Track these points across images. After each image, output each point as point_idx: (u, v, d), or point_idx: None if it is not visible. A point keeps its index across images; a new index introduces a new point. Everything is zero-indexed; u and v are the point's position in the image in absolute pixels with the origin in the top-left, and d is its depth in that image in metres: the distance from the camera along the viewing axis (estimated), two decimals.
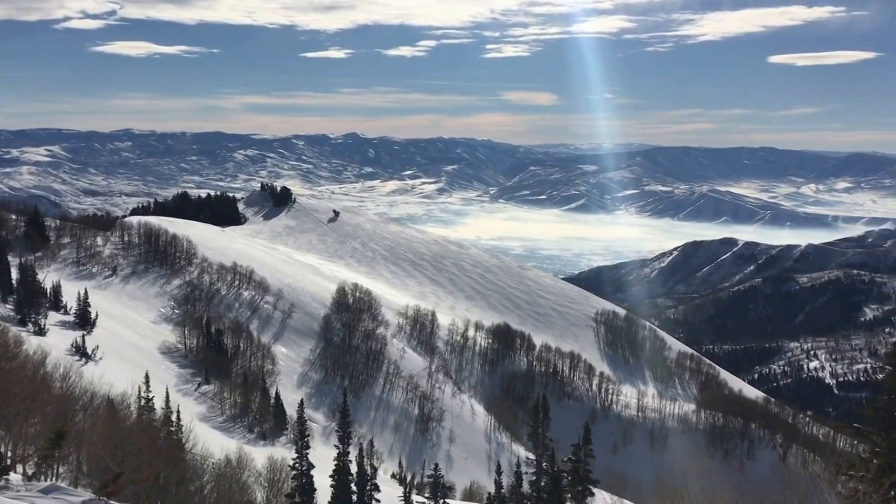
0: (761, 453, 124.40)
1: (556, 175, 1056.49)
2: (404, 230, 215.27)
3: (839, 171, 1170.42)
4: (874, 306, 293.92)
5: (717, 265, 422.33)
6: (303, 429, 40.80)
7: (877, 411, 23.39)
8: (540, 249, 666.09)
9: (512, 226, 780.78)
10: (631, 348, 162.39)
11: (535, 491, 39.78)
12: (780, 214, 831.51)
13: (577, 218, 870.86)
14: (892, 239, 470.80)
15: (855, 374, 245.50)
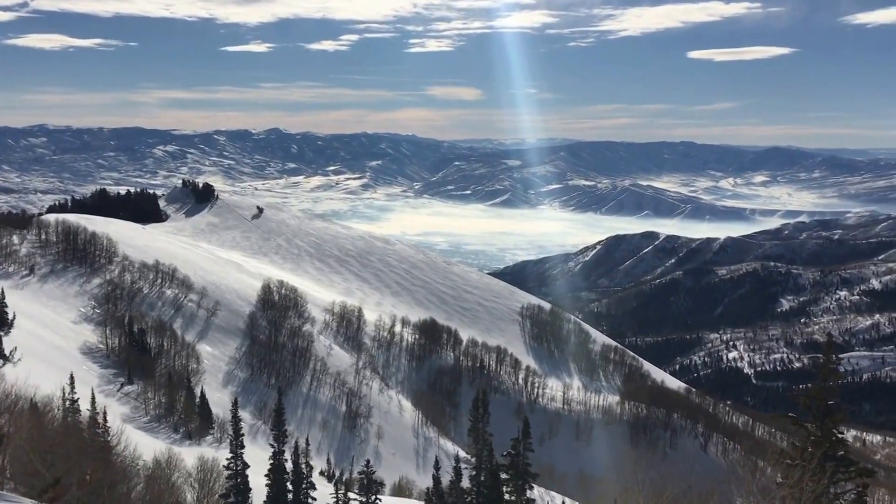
0: (683, 442, 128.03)
1: (480, 170, 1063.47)
2: (329, 226, 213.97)
3: (756, 165, 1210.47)
4: (790, 297, 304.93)
5: (639, 258, 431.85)
6: (237, 428, 40.56)
7: (811, 400, 23.89)
8: (465, 244, 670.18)
9: (437, 221, 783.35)
10: (556, 342, 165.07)
11: (475, 486, 39.96)
12: (700, 208, 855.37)
13: (502, 213, 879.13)
14: (807, 231, 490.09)
15: (772, 363, 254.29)
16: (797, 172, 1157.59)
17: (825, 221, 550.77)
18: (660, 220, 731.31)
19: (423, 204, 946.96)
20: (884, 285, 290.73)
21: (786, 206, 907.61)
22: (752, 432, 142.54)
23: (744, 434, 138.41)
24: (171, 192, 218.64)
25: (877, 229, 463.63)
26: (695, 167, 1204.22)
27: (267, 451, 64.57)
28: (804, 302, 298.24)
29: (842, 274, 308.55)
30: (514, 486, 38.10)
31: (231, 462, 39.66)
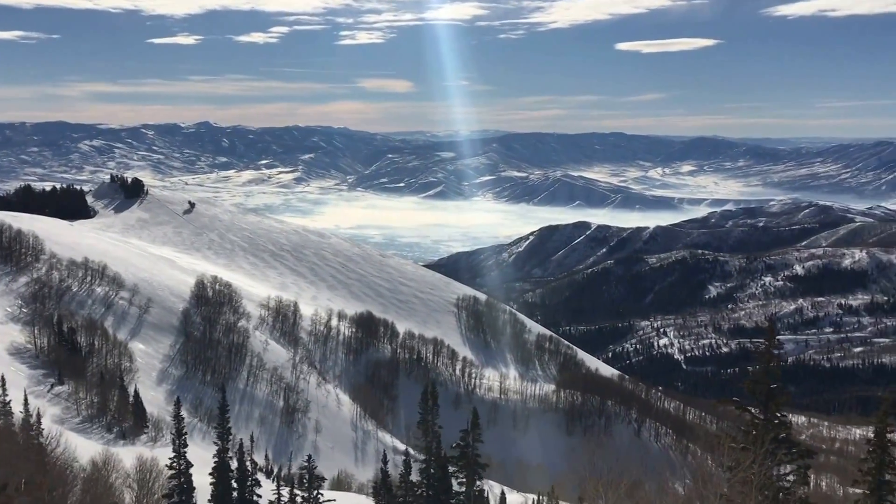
0: (618, 429, 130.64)
1: (413, 162, 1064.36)
2: (263, 220, 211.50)
3: (684, 154, 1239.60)
4: (717, 284, 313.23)
5: (571, 248, 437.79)
6: (180, 427, 40.00)
7: (754, 384, 24.41)
8: (399, 237, 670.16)
9: (371, 214, 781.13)
10: (492, 332, 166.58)
11: (425, 478, 40.11)
12: (630, 198, 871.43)
13: (436, 205, 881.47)
14: (733, 219, 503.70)
15: (701, 349, 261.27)
16: (723, 162, 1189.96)
17: (750, 209, 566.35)
18: (591, 210, 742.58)
19: (357, 197, 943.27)
20: (806, 271, 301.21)
21: (712, 194, 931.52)
22: (684, 416, 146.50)
23: (675, 418, 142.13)
24: (99, 188, 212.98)
25: (799, 216, 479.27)
26: (625, 157, 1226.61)
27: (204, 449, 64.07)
28: (731, 288, 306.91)
29: (766, 260, 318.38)
30: (466, 478, 38.30)
31: (174, 461, 39.16)
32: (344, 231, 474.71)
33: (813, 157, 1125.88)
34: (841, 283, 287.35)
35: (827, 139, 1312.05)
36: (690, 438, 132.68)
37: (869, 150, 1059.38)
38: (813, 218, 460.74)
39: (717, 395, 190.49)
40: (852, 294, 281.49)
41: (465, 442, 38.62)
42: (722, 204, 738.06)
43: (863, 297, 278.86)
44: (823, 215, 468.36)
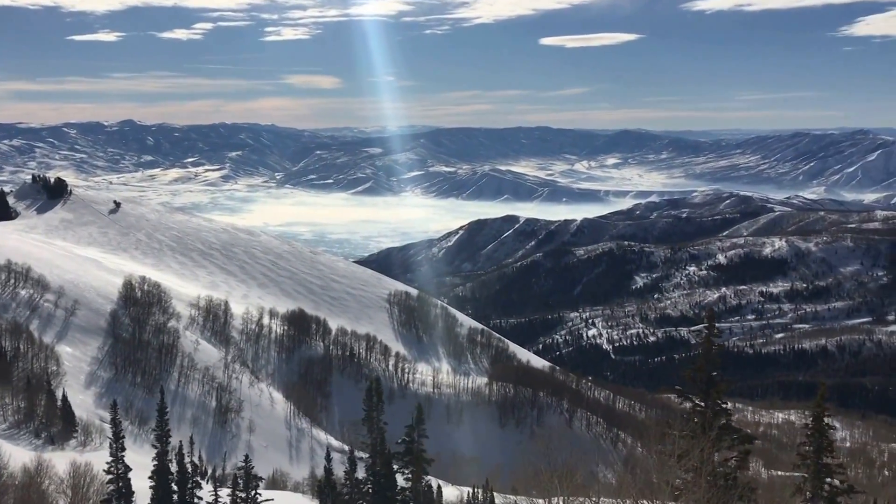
0: (550, 419, 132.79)
1: (342, 159, 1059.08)
2: (191, 219, 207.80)
3: (608, 147, 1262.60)
4: (644, 274, 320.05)
5: (500, 242, 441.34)
6: (117, 431, 39.35)
7: (695, 373, 25.14)
8: (329, 234, 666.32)
9: (300, 211, 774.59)
10: (424, 327, 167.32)
11: (371, 474, 40.13)
12: (556, 191, 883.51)
13: (365, 201, 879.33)
14: (657, 211, 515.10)
15: (629, 339, 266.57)
16: (646, 154, 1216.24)
17: (674, 201, 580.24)
18: (519, 204, 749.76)
19: (286, 194, 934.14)
20: (728, 260, 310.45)
21: (637, 186, 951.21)
22: (614, 405, 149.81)
23: (605, 408, 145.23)
24: (21, 189, 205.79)
25: (721, 207, 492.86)
26: (551, 151, 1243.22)
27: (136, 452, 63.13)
28: (657, 278, 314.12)
29: (690, 250, 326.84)
30: (413, 474, 38.35)
31: (112, 466, 38.58)
32: (273, 228, 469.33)
33: (733, 149, 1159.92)
34: (762, 272, 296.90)
35: (746, 131, 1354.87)
36: (620, 427, 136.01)
37: (786, 141, 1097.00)
38: (734, 208, 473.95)
39: (646, 384, 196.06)
40: (773, 282, 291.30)
41: (411, 437, 38.95)
42: (646, 196, 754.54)
43: (783, 284, 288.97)
44: (744, 205, 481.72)
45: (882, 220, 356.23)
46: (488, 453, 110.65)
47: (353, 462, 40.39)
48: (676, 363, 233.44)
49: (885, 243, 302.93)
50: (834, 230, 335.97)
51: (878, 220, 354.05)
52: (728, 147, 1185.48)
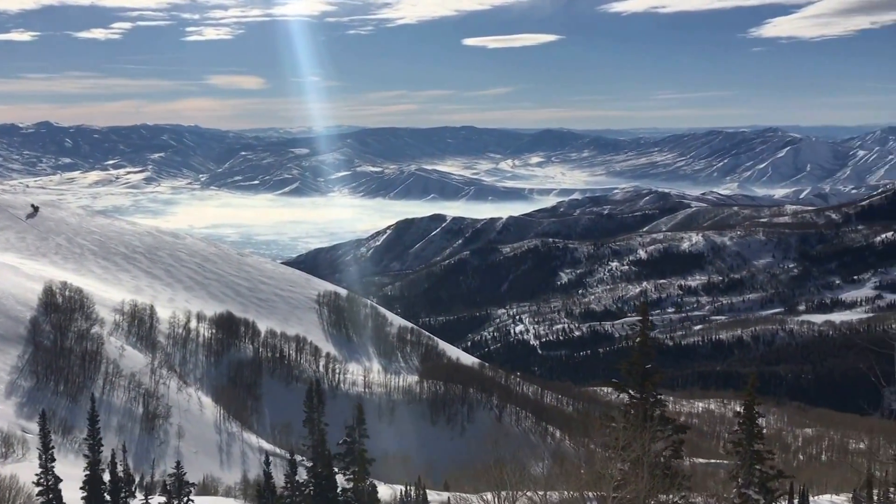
0: (480, 415, 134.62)
1: (268, 160, 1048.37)
2: (113, 223, 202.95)
3: (532, 146, 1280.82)
4: (568, 270, 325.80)
5: (428, 241, 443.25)
6: (46, 441, 38.66)
7: (631, 366, 25.69)
8: (256, 235, 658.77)
9: (225, 213, 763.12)
10: (354, 327, 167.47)
11: (312, 477, 39.89)
12: (482, 189, 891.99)
13: (292, 202, 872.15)
14: (580, 208, 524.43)
15: (555, 334, 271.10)
16: (569, 153, 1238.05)
17: (596, 198, 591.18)
18: (446, 203, 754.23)
19: (211, 196, 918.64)
20: (649, 255, 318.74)
21: (560, 184, 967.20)
22: (542, 400, 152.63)
23: (534, 402, 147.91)
24: None
25: (641, 203, 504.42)
26: (476, 150, 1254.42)
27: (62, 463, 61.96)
28: (581, 274, 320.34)
29: (612, 246, 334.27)
30: (355, 474, 38.38)
31: (41, 477, 37.99)
32: (199, 231, 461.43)
33: (651, 147, 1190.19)
34: (680, 266, 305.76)
35: (664, 130, 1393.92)
36: (549, 420, 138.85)
37: (701, 139, 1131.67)
38: (653, 204, 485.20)
39: (572, 378, 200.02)
40: (691, 275, 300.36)
41: (352, 438, 38.76)
42: (569, 193, 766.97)
43: (700, 277, 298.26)
44: (663, 202, 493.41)
45: (791, 214, 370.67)
46: (420, 451, 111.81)
47: (293, 464, 40.35)
48: (601, 356, 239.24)
49: (795, 236, 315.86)
50: (747, 225, 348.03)
51: (788, 215, 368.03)
52: (647, 145, 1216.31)
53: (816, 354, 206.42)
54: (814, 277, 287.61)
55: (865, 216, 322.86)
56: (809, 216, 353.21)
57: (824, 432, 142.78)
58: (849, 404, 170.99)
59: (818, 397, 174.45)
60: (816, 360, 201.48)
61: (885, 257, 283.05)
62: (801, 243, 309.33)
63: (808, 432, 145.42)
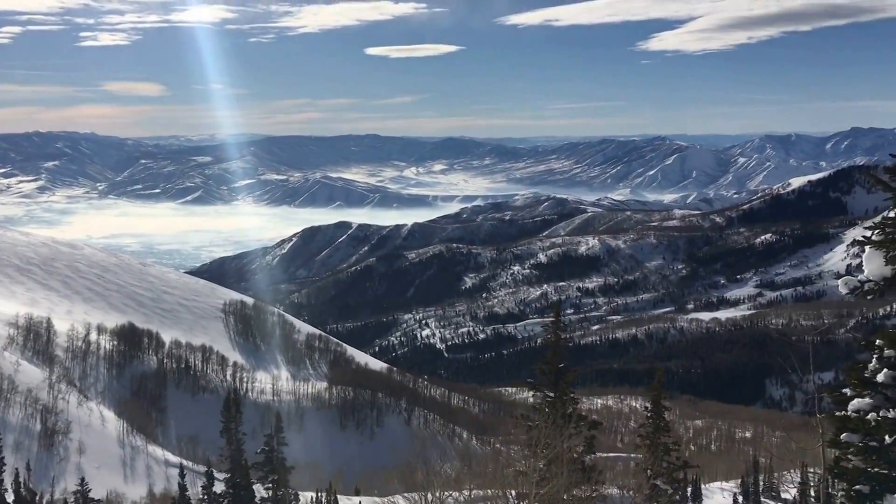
0: (389, 420, 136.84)
1: (169, 168, 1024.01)
2: (5, 234, 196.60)
3: (435, 154, 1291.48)
4: (472, 275, 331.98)
5: (334, 248, 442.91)
6: None
7: (545, 366, 26.53)
8: (157, 245, 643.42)
9: (125, 222, 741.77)
10: (261, 335, 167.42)
11: (230, 487, 38.86)
12: (387, 197, 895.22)
13: (195, 210, 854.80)
14: (482, 214, 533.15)
15: (460, 337, 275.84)
16: (471, 160, 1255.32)
17: (497, 204, 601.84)
18: (352, 210, 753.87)
19: (110, 205, 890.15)
20: (549, 258, 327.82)
21: (463, 191, 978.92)
22: (449, 402, 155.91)
23: (442, 405, 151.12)
24: None
25: (540, 209, 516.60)
26: (381, 158, 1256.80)
27: None
28: (484, 278, 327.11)
29: (514, 251, 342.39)
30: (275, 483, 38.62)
31: None
32: (97, 241, 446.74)
33: (549, 155, 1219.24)
34: (578, 268, 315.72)
35: (561, 138, 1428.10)
36: (456, 422, 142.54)
37: (595, 147, 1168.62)
38: (552, 210, 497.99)
39: (477, 380, 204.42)
40: (588, 278, 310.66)
41: (270, 447, 38.52)
42: (472, 200, 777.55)
43: (597, 279, 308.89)
44: (561, 207, 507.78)
45: (680, 218, 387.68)
46: (330, 457, 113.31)
47: (210, 476, 39.84)
48: (505, 358, 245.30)
49: (683, 239, 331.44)
50: (639, 228, 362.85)
51: (677, 219, 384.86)
52: (545, 153, 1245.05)
53: (705, 350, 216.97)
54: (701, 277, 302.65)
55: (746, 219, 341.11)
56: (696, 220, 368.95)
57: (713, 423, 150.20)
58: (734, 396, 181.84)
59: (707, 390, 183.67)
60: (705, 356, 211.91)
61: (765, 257, 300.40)
62: (689, 245, 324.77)
63: (698, 424, 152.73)
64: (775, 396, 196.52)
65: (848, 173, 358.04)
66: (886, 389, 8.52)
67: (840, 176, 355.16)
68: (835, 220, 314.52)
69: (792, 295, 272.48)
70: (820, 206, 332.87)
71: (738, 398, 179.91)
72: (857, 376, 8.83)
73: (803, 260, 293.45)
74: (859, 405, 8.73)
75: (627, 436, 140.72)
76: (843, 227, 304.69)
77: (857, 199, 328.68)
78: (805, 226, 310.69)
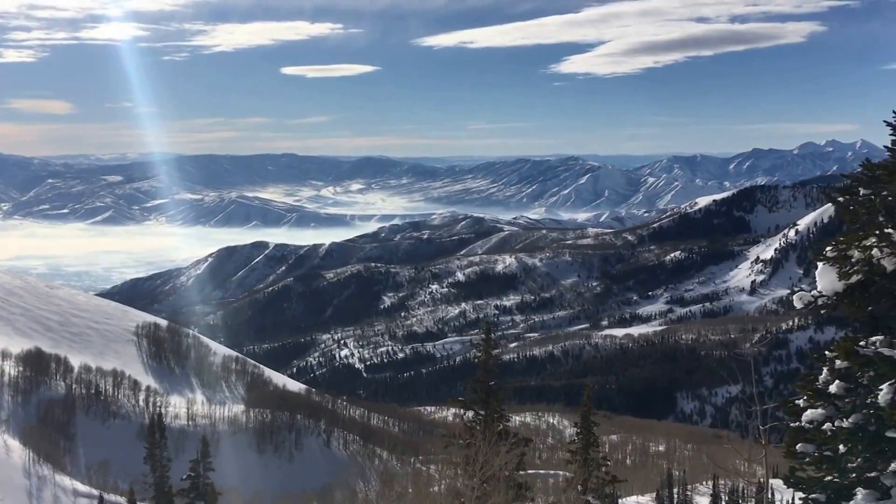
0: (308, 442, 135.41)
1: (78, 187, 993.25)
2: None
3: (353, 174, 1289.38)
4: (391, 294, 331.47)
5: (251, 268, 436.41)
6: None
7: (476, 384, 26.80)
8: (66, 266, 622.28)
9: (31, 243, 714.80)
10: (176, 358, 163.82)
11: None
12: (305, 216, 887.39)
13: (106, 231, 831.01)
14: (400, 233, 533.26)
15: (379, 356, 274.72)
16: (388, 179, 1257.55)
17: (415, 223, 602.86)
18: (268, 230, 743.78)
19: (14, 226, 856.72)
20: (467, 277, 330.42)
21: (381, 210, 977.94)
22: (368, 422, 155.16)
23: (361, 425, 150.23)
24: None
25: (457, 228, 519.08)
26: (298, 178, 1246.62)
27: None
28: (403, 297, 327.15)
29: (432, 269, 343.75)
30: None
31: None
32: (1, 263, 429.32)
33: (466, 174, 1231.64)
34: (496, 287, 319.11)
35: (477, 157, 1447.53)
36: (376, 443, 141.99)
37: (511, 166, 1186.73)
38: (469, 229, 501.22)
39: (397, 399, 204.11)
40: (506, 295, 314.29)
41: (196, 472, 38.37)
42: (390, 219, 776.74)
43: (514, 297, 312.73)
44: (478, 226, 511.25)
45: (593, 236, 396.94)
46: (248, 481, 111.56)
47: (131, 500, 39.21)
48: (424, 377, 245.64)
49: (597, 257, 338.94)
50: (555, 247, 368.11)
51: (590, 237, 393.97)
52: (462, 172, 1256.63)
53: (619, 365, 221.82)
54: (614, 294, 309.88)
55: (657, 237, 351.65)
56: (609, 238, 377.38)
57: (628, 438, 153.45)
58: (648, 410, 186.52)
59: (621, 405, 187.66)
60: (619, 371, 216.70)
61: (675, 274, 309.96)
62: (602, 263, 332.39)
63: (613, 439, 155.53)
64: (686, 410, 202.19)
65: (750, 193, 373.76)
66: (838, 400, 8.96)
67: (743, 195, 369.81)
68: (739, 238, 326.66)
69: (700, 310, 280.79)
70: (725, 224, 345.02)
71: (652, 413, 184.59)
72: (811, 388, 9.27)
73: (710, 276, 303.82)
74: (812, 416, 9.14)
75: (545, 452, 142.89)
76: (747, 245, 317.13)
77: (759, 217, 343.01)
78: (712, 243, 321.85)
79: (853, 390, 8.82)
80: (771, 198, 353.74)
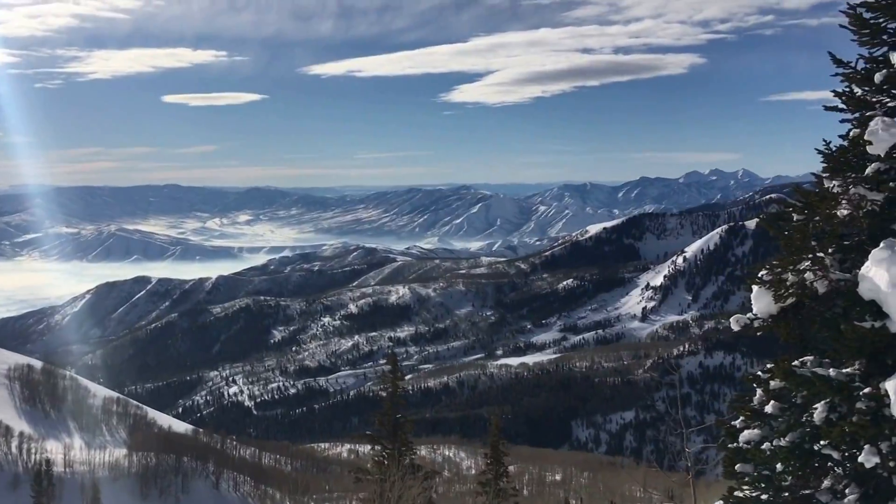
0: (195, 485, 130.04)
1: None
2: None
3: (240, 204, 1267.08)
4: (281, 328, 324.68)
5: (132, 304, 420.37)
6: None
7: (383, 417, 27.55)
8: None
9: None
10: (52, 401, 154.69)
11: None
12: (189, 249, 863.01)
13: None
14: (291, 265, 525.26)
15: (270, 393, 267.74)
16: (277, 210, 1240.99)
17: (306, 255, 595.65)
18: (151, 264, 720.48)
19: None
20: (359, 309, 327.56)
21: (270, 242, 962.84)
22: (260, 462, 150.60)
23: (252, 465, 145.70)
24: None
25: (349, 259, 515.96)
26: (181, 209, 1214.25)
27: None
28: (294, 331, 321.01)
29: (324, 302, 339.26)
30: None
31: None
32: None
33: (357, 204, 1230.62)
34: (390, 318, 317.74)
35: (368, 187, 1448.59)
36: (268, 482, 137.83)
37: (403, 196, 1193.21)
38: (361, 259, 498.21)
39: (288, 436, 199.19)
40: (400, 327, 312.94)
41: None
42: (279, 251, 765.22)
43: (408, 328, 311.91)
44: (370, 257, 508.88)
45: (487, 265, 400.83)
46: None
47: None
48: (317, 412, 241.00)
49: (491, 286, 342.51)
50: (448, 276, 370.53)
51: (484, 266, 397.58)
52: (353, 202, 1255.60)
53: (514, 395, 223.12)
54: (508, 323, 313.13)
55: (549, 265, 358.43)
56: (502, 267, 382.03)
57: (525, 467, 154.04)
58: (543, 439, 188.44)
59: (518, 434, 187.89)
60: (514, 400, 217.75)
61: (567, 302, 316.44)
62: (496, 292, 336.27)
63: (511, 469, 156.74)
64: (581, 438, 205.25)
65: (639, 220, 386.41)
66: (773, 420, 9.07)
67: (632, 223, 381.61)
68: (629, 265, 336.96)
69: (594, 338, 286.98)
70: (616, 252, 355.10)
71: (548, 441, 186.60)
72: (748, 408, 9.37)
73: (602, 304, 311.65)
74: (749, 436, 9.21)
75: (442, 486, 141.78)
76: (637, 272, 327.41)
77: (648, 244, 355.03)
78: (603, 271, 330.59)
79: (787, 409, 8.99)
80: (659, 225, 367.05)
